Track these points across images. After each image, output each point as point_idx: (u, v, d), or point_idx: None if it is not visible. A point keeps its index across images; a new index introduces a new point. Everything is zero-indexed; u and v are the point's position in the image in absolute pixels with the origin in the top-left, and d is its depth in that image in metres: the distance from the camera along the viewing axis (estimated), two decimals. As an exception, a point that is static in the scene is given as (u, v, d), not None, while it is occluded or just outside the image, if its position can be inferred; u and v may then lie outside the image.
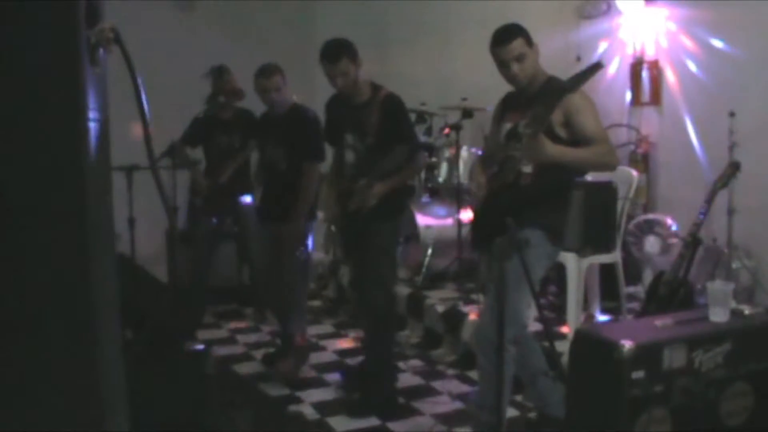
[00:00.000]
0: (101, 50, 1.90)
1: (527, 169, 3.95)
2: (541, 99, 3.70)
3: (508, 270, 3.32)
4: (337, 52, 4.66)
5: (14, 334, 1.88)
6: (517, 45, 3.92)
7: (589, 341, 3.34)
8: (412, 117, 6.46)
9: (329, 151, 5.29)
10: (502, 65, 3.98)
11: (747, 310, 3.54)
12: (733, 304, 3.52)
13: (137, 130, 2.14)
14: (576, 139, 3.81)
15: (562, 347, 4.51)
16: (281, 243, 5.39)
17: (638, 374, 3.13)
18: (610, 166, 3.99)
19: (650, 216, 6.08)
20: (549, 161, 3.67)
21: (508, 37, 3.94)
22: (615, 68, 6.76)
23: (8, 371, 1.89)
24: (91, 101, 1.85)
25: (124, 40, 1.90)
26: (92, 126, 1.87)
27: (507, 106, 4.25)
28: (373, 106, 4.78)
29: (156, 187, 2.29)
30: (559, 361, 4.32)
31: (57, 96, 1.79)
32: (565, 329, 5.28)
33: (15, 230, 1.82)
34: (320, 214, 5.40)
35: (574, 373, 3.46)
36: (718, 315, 3.43)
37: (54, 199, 1.84)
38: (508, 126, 4.12)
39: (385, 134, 4.71)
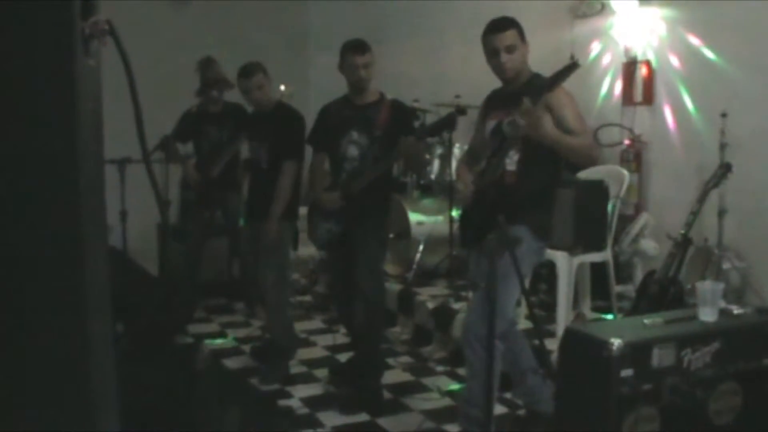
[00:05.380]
0: (95, 42, 1.90)
1: (511, 167, 3.97)
2: (526, 95, 3.74)
3: (497, 266, 3.34)
4: (364, 45, 4.86)
5: (3, 330, 1.87)
6: (510, 35, 3.96)
7: (578, 339, 3.35)
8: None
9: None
10: (492, 54, 4.00)
11: (736, 310, 3.56)
12: (722, 304, 3.54)
13: (130, 123, 2.14)
14: None
15: (552, 345, 4.54)
16: (260, 242, 5.41)
17: (627, 373, 3.14)
18: (593, 159, 4.05)
19: (636, 228, 6.08)
20: (547, 137, 3.68)
21: (503, 26, 3.98)
22: (608, 68, 6.77)
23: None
24: (85, 93, 1.85)
25: (118, 33, 1.90)
26: (86, 118, 1.87)
27: (491, 103, 4.28)
28: (382, 105, 4.93)
29: (149, 181, 2.29)
30: (548, 359, 4.34)
31: (51, 88, 1.79)
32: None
33: (7, 222, 1.82)
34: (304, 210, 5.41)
35: (563, 370, 3.48)
36: (707, 314, 3.45)
37: (47, 191, 1.84)
38: (492, 124, 4.14)
39: (392, 129, 4.80)
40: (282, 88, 5.63)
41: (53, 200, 1.85)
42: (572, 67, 3.62)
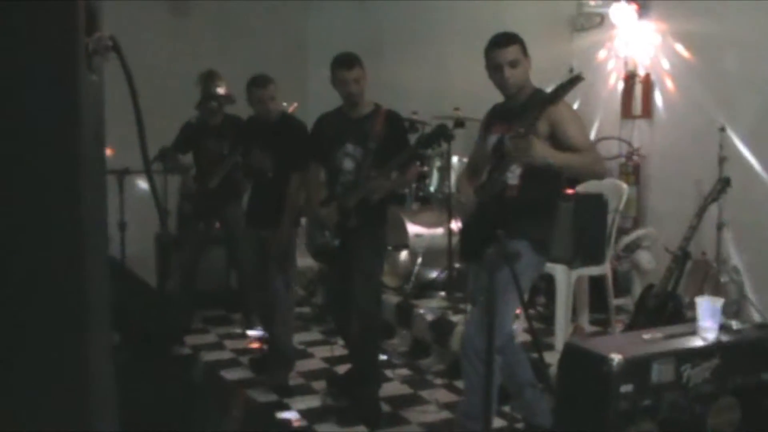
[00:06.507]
0: (98, 58, 1.91)
1: (513, 181, 3.97)
2: (527, 112, 3.74)
3: (496, 280, 3.34)
4: (352, 59, 4.82)
5: (4, 338, 1.88)
6: (514, 50, 3.95)
7: (578, 354, 3.36)
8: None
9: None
10: (495, 69, 3.99)
11: (735, 325, 3.57)
12: (721, 319, 3.55)
13: (129, 133, 2.15)
14: (562, 149, 3.83)
15: (550, 358, 4.53)
16: (267, 250, 5.42)
17: (627, 388, 3.15)
18: (598, 174, 4.05)
19: (635, 234, 6.10)
20: (538, 161, 3.68)
21: (506, 41, 3.98)
22: (607, 81, 6.78)
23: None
24: (88, 109, 1.86)
25: (122, 49, 1.91)
26: (88, 134, 1.88)
27: (493, 118, 4.27)
28: (376, 117, 4.90)
29: (150, 191, 2.29)
30: (547, 372, 4.33)
31: (55, 104, 1.80)
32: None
33: (10, 234, 1.83)
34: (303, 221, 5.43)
35: (563, 385, 3.48)
36: (707, 330, 3.46)
37: (50, 204, 1.85)
38: (494, 138, 4.14)
39: (388, 141, 4.81)
40: (284, 104, 5.65)
41: (56, 214, 1.86)
42: (575, 80, 3.62)
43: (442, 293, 6.67)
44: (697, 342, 3.42)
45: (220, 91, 6.58)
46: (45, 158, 1.81)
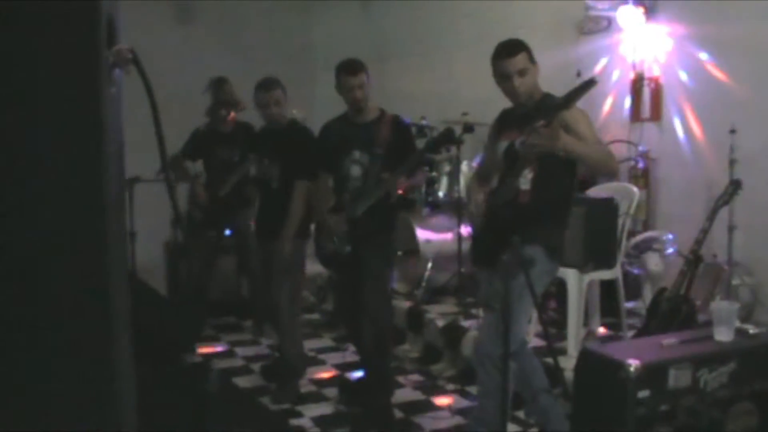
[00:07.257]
0: (117, 70, 1.91)
1: (525, 186, 3.96)
2: (538, 115, 3.71)
3: (511, 287, 3.33)
4: (356, 65, 4.83)
5: (36, 336, 1.91)
6: (521, 59, 3.93)
7: (594, 360, 3.35)
8: (413, 131, 6.46)
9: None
10: (504, 78, 3.97)
11: (752, 330, 3.56)
12: (737, 323, 3.54)
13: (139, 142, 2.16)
14: None
15: (563, 363, 4.52)
16: (272, 260, 5.40)
17: (644, 393, 3.15)
18: (612, 169, 4.03)
19: (646, 234, 6.09)
20: (566, 148, 3.64)
21: (513, 50, 3.95)
22: (616, 84, 6.77)
23: (29, 372, 1.92)
24: (109, 122, 1.87)
25: (141, 61, 1.91)
26: (110, 145, 1.89)
27: (503, 123, 4.26)
28: (382, 123, 4.90)
29: (169, 199, 2.31)
30: (563, 378, 4.32)
31: (78, 117, 1.81)
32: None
33: (41, 244, 1.85)
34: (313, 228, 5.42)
35: (578, 391, 3.48)
36: (723, 334, 3.45)
37: (76, 215, 1.87)
38: (504, 144, 4.13)
39: (395, 147, 4.81)
40: (294, 111, 5.64)
41: (82, 224, 1.88)
42: (589, 84, 3.58)
43: (453, 298, 6.67)
44: (713, 347, 3.41)
45: (229, 97, 6.58)
46: (69, 172, 1.82)
